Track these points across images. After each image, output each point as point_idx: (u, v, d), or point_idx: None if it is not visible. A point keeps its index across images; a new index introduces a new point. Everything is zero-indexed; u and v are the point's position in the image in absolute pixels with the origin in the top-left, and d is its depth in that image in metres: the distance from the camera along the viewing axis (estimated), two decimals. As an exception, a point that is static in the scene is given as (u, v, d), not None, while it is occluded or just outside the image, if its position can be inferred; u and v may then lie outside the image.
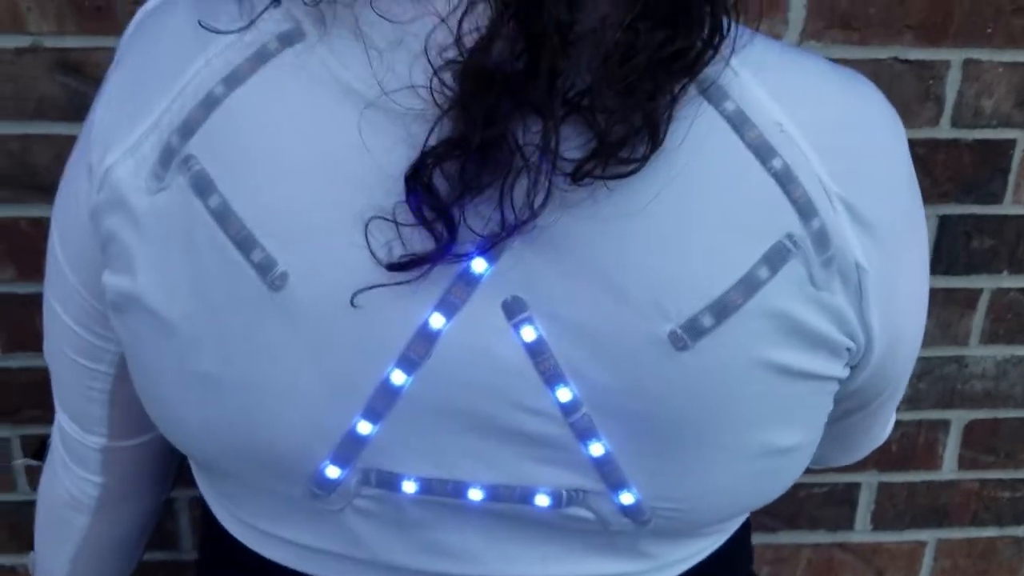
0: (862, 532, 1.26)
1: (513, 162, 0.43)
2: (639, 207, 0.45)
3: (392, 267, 0.44)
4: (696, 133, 0.45)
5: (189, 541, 1.17)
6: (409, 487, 0.51)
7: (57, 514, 0.71)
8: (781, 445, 0.52)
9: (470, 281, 0.47)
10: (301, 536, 0.56)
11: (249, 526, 0.58)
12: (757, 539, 1.23)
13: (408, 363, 0.47)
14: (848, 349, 0.52)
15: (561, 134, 0.42)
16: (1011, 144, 1.07)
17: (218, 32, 0.47)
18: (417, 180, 0.43)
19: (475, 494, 0.51)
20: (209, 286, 0.48)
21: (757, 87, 0.47)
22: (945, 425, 1.21)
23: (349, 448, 0.50)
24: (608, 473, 0.50)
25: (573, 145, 0.43)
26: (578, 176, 0.43)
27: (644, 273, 0.46)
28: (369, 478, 0.51)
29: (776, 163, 0.47)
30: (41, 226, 1.01)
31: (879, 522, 1.26)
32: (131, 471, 0.68)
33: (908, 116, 1.03)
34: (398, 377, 0.48)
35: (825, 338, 0.50)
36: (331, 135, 0.46)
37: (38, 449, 0.80)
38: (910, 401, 1.19)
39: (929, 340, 1.16)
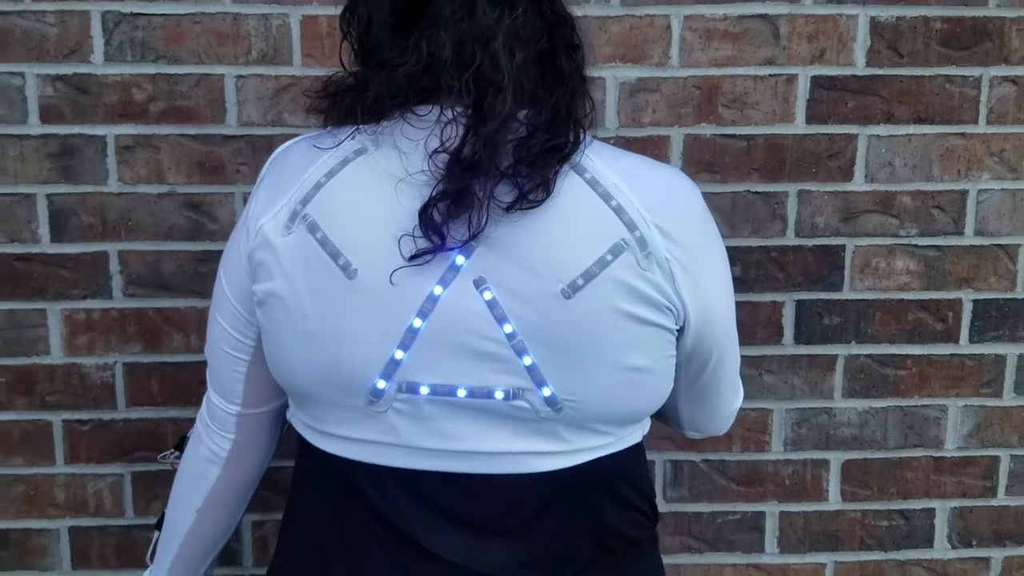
0: (772, 555, 1.60)
1: (474, 203, 0.86)
2: (541, 222, 0.86)
3: (412, 258, 0.87)
4: (569, 188, 0.87)
5: (251, 559, 1.53)
6: (424, 391, 0.88)
7: (196, 470, 1.10)
8: (635, 365, 0.90)
9: (455, 268, 0.87)
10: (361, 433, 0.92)
11: (327, 435, 0.96)
12: (687, 559, 1.58)
13: (423, 314, 0.87)
14: (669, 309, 0.90)
15: (499, 189, 0.86)
16: (842, 248, 1.51)
17: (323, 150, 0.93)
18: (425, 214, 0.87)
19: (461, 393, 0.88)
20: (315, 280, 0.90)
21: (601, 165, 0.89)
22: (826, 463, 1.58)
23: (390, 368, 0.88)
24: (535, 376, 0.87)
25: (504, 192, 0.86)
26: (510, 209, 0.86)
27: (546, 258, 0.86)
28: (401, 387, 0.88)
29: (613, 203, 0.88)
30: (163, 314, 1.45)
31: (784, 546, 1.60)
32: (254, 431, 1.07)
33: (762, 229, 1.49)
34: (417, 323, 0.87)
35: (652, 299, 0.88)
36: (380, 197, 0.89)
37: (179, 444, 1.18)
38: (795, 443, 1.57)
39: (802, 395, 1.56)
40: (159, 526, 1.21)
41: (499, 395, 0.90)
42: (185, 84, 1.41)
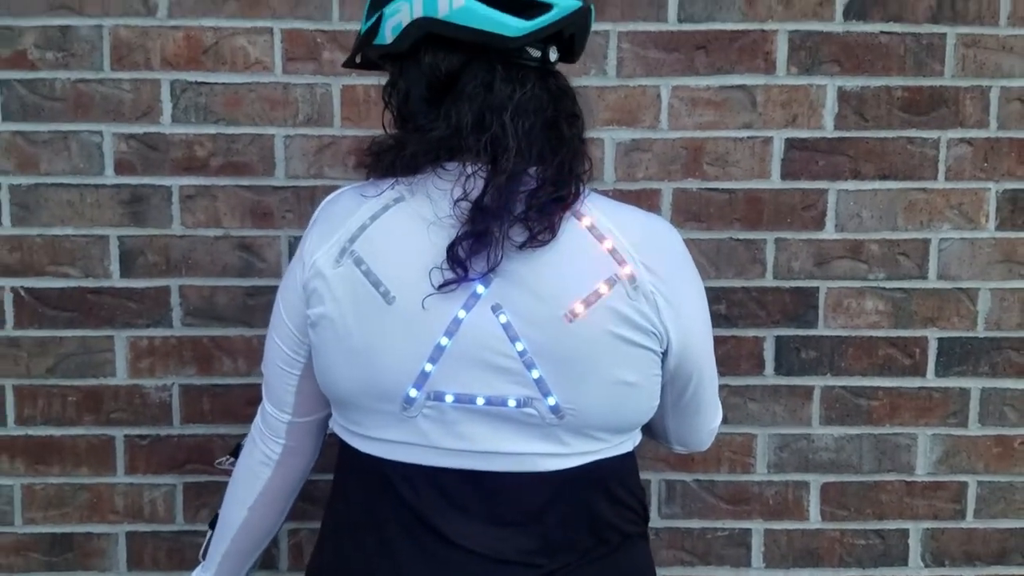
0: (758, 569, 1.75)
1: (492, 241, 1.04)
2: (548, 259, 1.02)
3: (440, 287, 1.06)
4: (571, 231, 1.03)
5: (286, 563, 1.69)
6: (448, 399, 1.04)
7: (251, 471, 1.27)
8: (626, 379, 1.05)
9: (476, 296, 1.03)
10: (394, 435, 1.07)
11: (364, 437, 1.13)
12: (680, 571, 1.73)
13: (449, 334, 1.03)
14: (654, 334, 1.06)
15: (512, 230, 1.04)
16: (816, 290, 1.69)
17: (367, 198, 1.12)
18: (451, 250, 1.04)
19: (480, 401, 1.03)
20: (359, 305, 1.07)
21: (598, 212, 1.06)
22: (806, 485, 1.74)
23: (421, 379, 1.04)
24: (541, 387, 1.02)
25: (518, 233, 1.02)
26: (522, 247, 1.02)
27: (551, 288, 1.01)
28: (430, 395, 1.04)
29: (607, 244, 1.04)
30: (216, 342, 1.64)
31: (770, 561, 1.75)
32: (301, 437, 1.24)
33: (743, 272, 1.68)
34: (444, 341, 1.03)
35: (639, 324, 1.04)
36: (415, 236, 1.06)
37: (234, 451, 1.36)
38: (777, 466, 1.73)
39: (783, 421, 1.72)
40: (212, 525, 1.38)
41: (512, 403, 1.06)
42: (240, 142, 1.62)
